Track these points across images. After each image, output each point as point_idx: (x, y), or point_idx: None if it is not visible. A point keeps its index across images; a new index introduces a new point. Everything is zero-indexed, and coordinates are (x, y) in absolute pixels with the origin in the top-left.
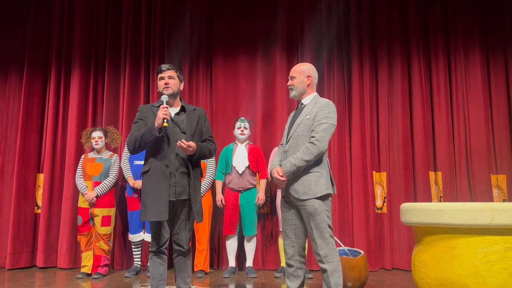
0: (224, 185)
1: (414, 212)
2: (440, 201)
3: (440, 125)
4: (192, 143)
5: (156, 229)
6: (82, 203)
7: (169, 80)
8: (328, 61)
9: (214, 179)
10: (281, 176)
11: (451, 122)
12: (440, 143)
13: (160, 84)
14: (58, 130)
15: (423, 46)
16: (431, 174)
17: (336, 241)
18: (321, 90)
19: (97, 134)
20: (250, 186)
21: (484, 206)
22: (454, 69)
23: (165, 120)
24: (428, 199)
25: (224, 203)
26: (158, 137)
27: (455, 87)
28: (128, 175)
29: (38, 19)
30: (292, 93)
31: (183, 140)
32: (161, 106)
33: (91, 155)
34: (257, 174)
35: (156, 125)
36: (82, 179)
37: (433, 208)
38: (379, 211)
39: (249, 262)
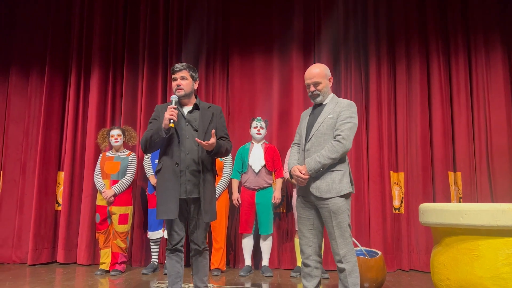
0: (240, 184)
1: (433, 212)
2: (460, 202)
3: (460, 125)
4: (212, 140)
5: (171, 227)
6: (100, 201)
7: (181, 81)
8: (345, 60)
9: (231, 178)
10: (303, 174)
11: (471, 121)
12: (460, 143)
13: (173, 85)
14: (78, 129)
15: (443, 44)
16: (451, 174)
17: (353, 241)
18: (338, 90)
19: (116, 132)
20: (266, 185)
21: (506, 207)
22: (475, 67)
23: (171, 121)
24: (447, 199)
25: (240, 202)
26: (168, 136)
27: (476, 86)
28: (150, 173)
29: (59, 21)
30: (319, 99)
31: (200, 141)
32: (169, 106)
33: (109, 153)
34: (273, 173)
35: (163, 125)
36: (100, 177)
37: (453, 208)
38: (397, 211)
39: (265, 261)
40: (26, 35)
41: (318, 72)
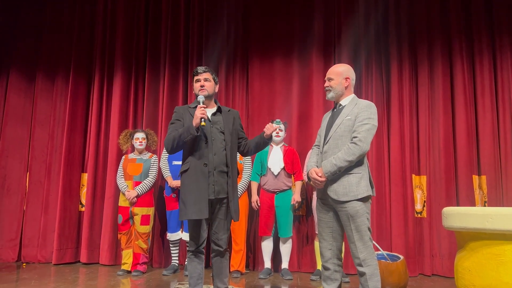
0: (259, 187)
1: (458, 216)
2: (485, 206)
3: (485, 127)
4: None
5: (195, 228)
6: (122, 202)
7: (204, 82)
8: (366, 62)
9: (250, 180)
10: (320, 176)
11: (496, 123)
12: (485, 146)
13: (196, 86)
14: (101, 132)
15: (466, 45)
16: (475, 178)
17: (374, 245)
18: (359, 92)
19: (141, 135)
20: (286, 188)
21: None
22: (500, 68)
23: (202, 119)
24: (472, 203)
25: (259, 204)
26: (197, 136)
27: (501, 87)
28: (167, 174)
29: (83, 26)
30: (330, 95)
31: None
32: (198, 106)
33: (132, 155)
34: (292, 176)
35: (194, 124)
36: (123, 178)
37: (478, 212)
38: (419, 215)
39: (284, 264)
40: (51, 41)
41: (334, 69)
